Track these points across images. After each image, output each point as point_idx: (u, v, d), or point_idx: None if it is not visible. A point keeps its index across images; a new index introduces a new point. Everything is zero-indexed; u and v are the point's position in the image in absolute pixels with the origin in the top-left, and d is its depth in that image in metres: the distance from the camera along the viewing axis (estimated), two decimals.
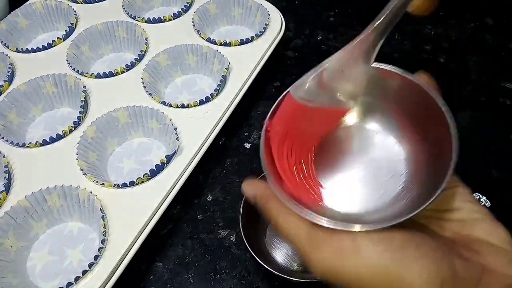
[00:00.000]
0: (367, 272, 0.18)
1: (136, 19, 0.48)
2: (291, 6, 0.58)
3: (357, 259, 0.18)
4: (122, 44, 0.47)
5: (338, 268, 0.18)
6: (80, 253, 0.32)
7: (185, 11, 0.49)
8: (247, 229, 0.33)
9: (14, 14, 0.48)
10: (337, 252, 0.18)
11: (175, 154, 0.35)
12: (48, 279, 0.31)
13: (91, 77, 0.42)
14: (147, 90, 0.40)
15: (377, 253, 0.18)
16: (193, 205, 0.39)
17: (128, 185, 0.34)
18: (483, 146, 0.42)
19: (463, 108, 0.45)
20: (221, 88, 0.41)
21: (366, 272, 0.18)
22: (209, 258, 0.35)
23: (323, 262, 0.19)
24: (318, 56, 0.52)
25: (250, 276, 0.34)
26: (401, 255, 0.17)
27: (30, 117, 0.41)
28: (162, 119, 0.38)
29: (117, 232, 0.31)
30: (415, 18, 0.22)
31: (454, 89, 0.47)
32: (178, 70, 0.45)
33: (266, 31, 0.46)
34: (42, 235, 0.34)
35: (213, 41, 0.45)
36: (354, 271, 0.18)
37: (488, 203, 0.37)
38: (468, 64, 0.50)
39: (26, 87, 0.40)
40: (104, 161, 0.38)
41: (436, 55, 0.51)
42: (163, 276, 0.34)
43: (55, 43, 0.45)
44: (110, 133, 0.38)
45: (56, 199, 0.33)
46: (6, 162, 0.35)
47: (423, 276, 0.17)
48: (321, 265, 0.19)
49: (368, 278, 0.18)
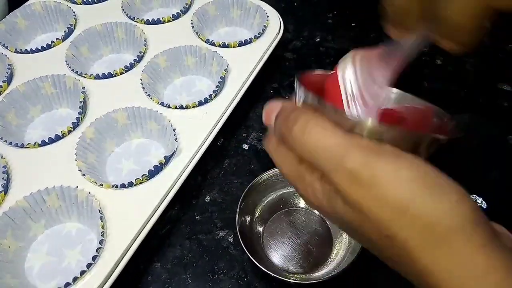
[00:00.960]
0: (409, 173, 0.16)
1: (135, 20, 0.48)
2: (290, 8, 0.58)
3: (400, 161, 0.16)
4: (121, 45, 0.47)
5: (378, 165, 0.16)
6: (78, 254, 0.32)
7: (184, 13, 0.49)
8: (244, 231, 0.33)
9: (13, 14, 0.48)
10: (378, 151, 0.17)
11: (173, 155, 0.35)
12: (46, 279, 0.31)
13: (90, 78, 0.42)
14: (146, 91, 0.40)
15: (417, 161, 0.17)
16: (191, 206, 0.39)
17: (127, 186, 0.34)
18: (480, 148, 0.42)
19: (461, 110, 0.45)
20: (219, 90, 0.41)
21: (408, 173, 0.16)
22: (207, 258, 0.35)
23: (360, 156, 0.17)
24: (317, 58, 0.52)
25: (247, 277, 0.34)
26: (438, 172, 0.17)
27: (29, 118, 0.41)
28: (161, 120, 0.38)
29: (116, 233, 0.31)
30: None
31: (451, 91, 0.47)
32: (177, 71, 0.45)
33: (264, 33, 0.46)
34: (41, 236, 0.34)
35: (212, 43, 0.45)
36: (395, 171, 0.16)
37: (484, 205, 0.38)
38: (465, 66, 0.50)
39: (25, 87, 0.40)
40: (103, 162, 0.38)
41: (433, 57, 0.51)
42: (161, 276, 0.35)
43: (54, 44, 0.46)
44: (109, 134, 0.38)
45: (54, 199, 0.33)
46: (5, 162, 0.35)
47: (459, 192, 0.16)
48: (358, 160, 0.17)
49: (408, 179, 0.16)
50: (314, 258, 0.34)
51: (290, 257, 0.35)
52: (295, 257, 0.34)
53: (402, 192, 0.16)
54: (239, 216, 0.33)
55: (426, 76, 0.49)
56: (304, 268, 0.34)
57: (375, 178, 0.16)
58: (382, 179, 0.16)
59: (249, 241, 0.33)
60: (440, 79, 0.49)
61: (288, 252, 0.35)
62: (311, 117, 0.18)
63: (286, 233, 0.36)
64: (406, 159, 0.17)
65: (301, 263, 0.34)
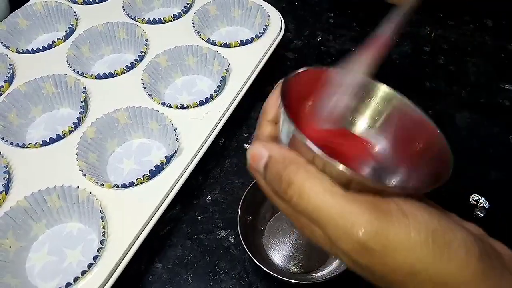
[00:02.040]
0: (419, 236, 0.16)
1: (136, 20, 0.48)
2: (291, 8, 0.58)
3: (409, 223, 0.16)
4: (122, 45, 0.47)
5: (390, 231, 0.16)
6: (79, 254, 0.32)
7: (185, 12, 0.49)
8: (245, 231, 0.33)
9: (14, 15, 0.48)
10: (387, 214, 0.16)
11: (174, 155, 0.35)
12: (47, 279, 0.31)
13: (91, 77, 0.42)
14: (147, 91, 0.40)
15: (425, 218, 0.17)
16: (192, 206, 0.39)
17: (128, 186, 0.34)
18: (482, 147, 0.42)
19: (462, 109, 0.45)
20: (220, 89, 0.41)
21: (417, 236, 0.16)
22: (208, 258, 0.35)
23: (371, 224, 0.16)
24: (318, 57, 0.52)
25: (249, 277, 0.34)
26: (445, 223, 0.17)
27: (30, 118, 0.41)
28: (162, 120, 0.38)
29: (117, 233, 0.31)
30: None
31: (453, 90, 0.47)
32: (178, 71, 0.45)
33: (266, 32, 0.46)
34: (42, 236, 0.34)
35: (213, 42, 0.45)
36: (406, 235, 0.16)
37: (487, 204, 0.38)
38: (467, 66, 0.50)
39: (26, 87, 0.40)
40: (104, 162, 0.38)
41: (436, 56, 0.51)
42: (162, 276, 0.35)
43: (55, 44, 0.46)
44: (110, 133, 0.38)
45: (55, 199, 0.33)
46: (6, 162, 0.35)
47: (467, 244, 0.16)
48: (369, 229, 0.16)
49: (419, 242, 0.16)
50: (315, 258, 0.34)
51: (292, 257, 0.34)
52: (296, 257, 0.34)
53: (413, 257, 0.16)
54: (240, 216, 0.33)
55: (427, 75, 0.49)
56: (306, 268, 0.34)
57: (386, 248, 0.16)
58: (394, 248, 0.16)
59: (250, 241, 0.33)
60: (441, 78, 0.49)
61: (289, 252, 0.35)
62: (305, 178, 0.17)
63: (287, 233, 0.36)
64: (414, 218, 0.16)
65: (302, 263, 0.34)
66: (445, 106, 0.46)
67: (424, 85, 0.48)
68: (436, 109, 0.45)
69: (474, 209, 0.37)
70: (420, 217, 0.17)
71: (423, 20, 0.55)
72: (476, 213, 0.37)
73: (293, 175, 0.17)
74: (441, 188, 0.18)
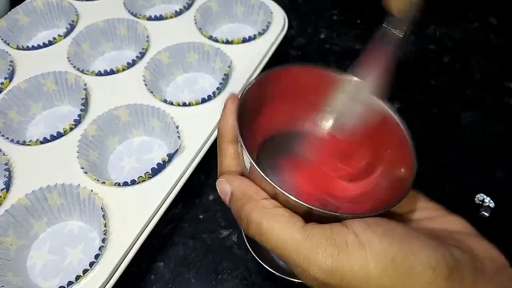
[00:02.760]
0: (377, 267, 0.16)
1: (138, 16, 0.47)
2: (294, 4, 0.58)
3: (365, 254, 0.17)
4: (123, 41, 0.47)
5: (344, 268, 0.17)
6: (80, 252, 0.32)
7: (187, 9, 0.48)
8: None
9: (14, 11, 0.47)
10: (342, 249, 0.17)
11: (176, 153, 0.35)
12: (48, 278, 0.31)
13: (92, 74, 0.42)
14: (149, 88, 0.40)
15: (384, 246, 0.17)
16: (194, 205, 0.38)
17: (129, 184, 0.33)
18: (487, 146, 0.42)
19: (467, 108, 0.45)
20: (223, 87, 0.41)
21: (375, 268, 0.16)
22: (211, 258, 0.35)
23: (325, 264, 0.17)
24: (321, 55, 0.51)
25: (252, 276, 0.34)
26: (407, 247, 0.17)
27: (30, 115, 0.41)
28: (164, 117, 0.37)
29: (118, 231, 0.31)
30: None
31: (458, 89, 0.47)
32: (179, 68, 0.44)
33: (268, 30, 0.46)
34: (42, 234, 0.33)
35: (215, 39, 0.44)
36: (362, 268, 0.16)
37: (492, 204, 0.37)
38: (472, 64, 0.49)
39: (27, 84, 0.40)
40: (105, 160, 0.38)
41: (440, 54, 0.50)
42: (164, 275, 0.34)
43: (55, 41, 0.45)
44: (111, 131, 0.38)
45: (56, 197, 0.33)
46: (7, 160, 0.35)
47: (432, 265, 0.16)
48: (323, 268, 0.17)
49: (377, 274, 0.16)
50: None
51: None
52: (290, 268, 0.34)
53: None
54: None
55: (432, 74, 0.48)
56: None
57: (344, 283, 0.17)
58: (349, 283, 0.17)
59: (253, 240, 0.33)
60: (446, 77, 0.48)
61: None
62: (261, 216, 0.18)
63: None
64: (372, 248, 0.17)
65: None
66: (449, 104, 0.45)
67: (428, 84, 0.47)
68: (440, 108, 0.45)
69: (479, 209, 0.37)
70: (378, 246, 0.17)
71: (428, 18, 0.55)
72: (481, 213, 0.37)
73: (250, 213, 0.18)
74: (446, 188, 0.17)
